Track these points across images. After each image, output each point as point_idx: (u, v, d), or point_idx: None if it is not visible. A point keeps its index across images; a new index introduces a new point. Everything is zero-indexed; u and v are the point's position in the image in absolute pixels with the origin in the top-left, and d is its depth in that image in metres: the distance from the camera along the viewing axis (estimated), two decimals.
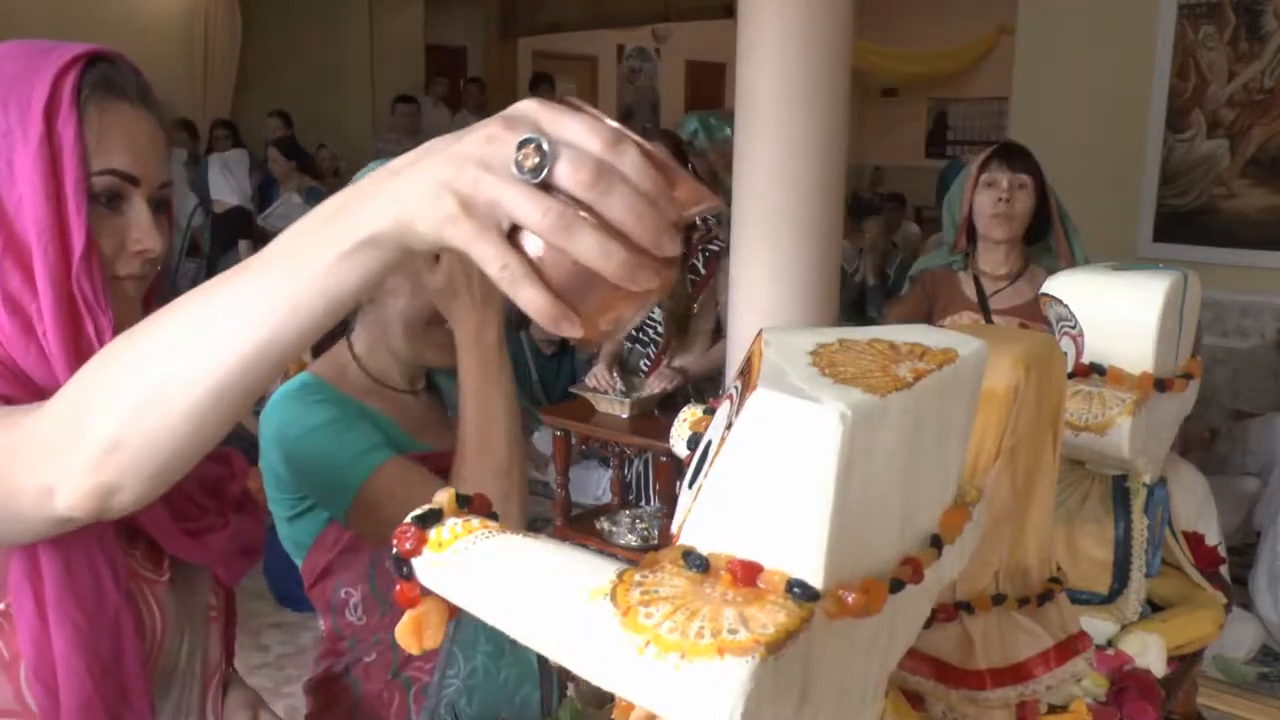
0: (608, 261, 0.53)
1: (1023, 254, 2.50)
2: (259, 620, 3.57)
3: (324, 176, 6.91)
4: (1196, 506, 1.29)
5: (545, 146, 0.53)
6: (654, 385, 3.31)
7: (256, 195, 6.45)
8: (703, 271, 3.26)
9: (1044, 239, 2.49)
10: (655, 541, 3.17)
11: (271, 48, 7.78)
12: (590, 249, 0.53)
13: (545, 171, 0.53)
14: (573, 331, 0.56)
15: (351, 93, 8.20)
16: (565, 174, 0.53)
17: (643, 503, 3.48)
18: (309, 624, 3.47)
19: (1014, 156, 2.45)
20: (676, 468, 2.97)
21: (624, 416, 3.28)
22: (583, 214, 0.53)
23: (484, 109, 8.21)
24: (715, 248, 3.22)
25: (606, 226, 0.53)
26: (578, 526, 3.37)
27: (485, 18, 8.73)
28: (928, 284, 2.60)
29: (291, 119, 6.98)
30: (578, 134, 0.53)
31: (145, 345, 0.65)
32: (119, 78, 0.89)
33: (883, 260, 5.94)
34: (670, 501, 3.06)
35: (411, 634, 0.57)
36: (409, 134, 7.20)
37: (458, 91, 8.52)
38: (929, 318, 2.52)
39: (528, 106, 0.55)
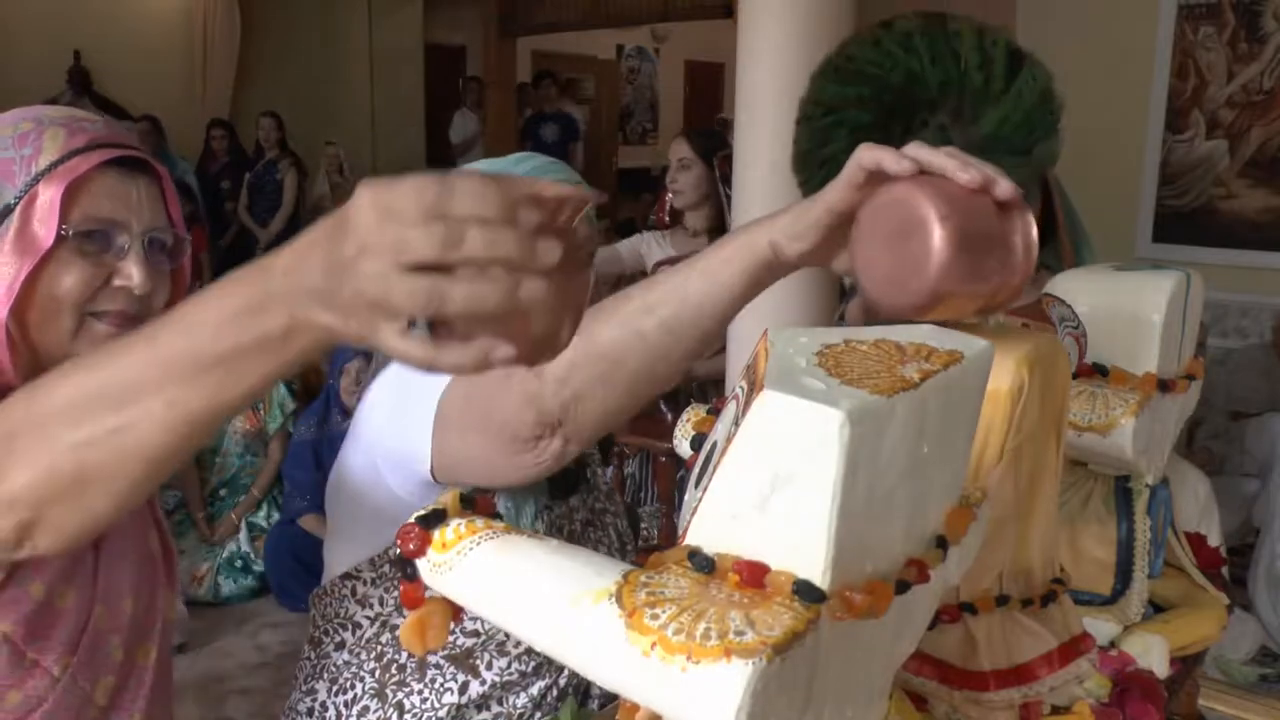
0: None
1: None
2: (257, 620, 3.56)
3: (329, 173, 6.95)
4: (1200, 508, 1.28)
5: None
6: None
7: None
8: None
9: (1050, 243, 2.48)
10: (654, 541, 3.16)
11: (271, 47, 7.78)
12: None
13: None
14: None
15: (351, 92, 8.19)
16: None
17: (642, 501, 3.48)
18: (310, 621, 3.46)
19: None
20: (676, 467, 2.97)
21: None
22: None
23: (482, 107, 8.22)
24: None
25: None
26: None
27: (485, 17, 8.73)
28: None
29: (283, 120, 6.98)
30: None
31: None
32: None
33: None
34: (670, 501, 3.06)
35: (415, 635, 0.57)
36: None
37: (457, 90, 8.53)
38: None
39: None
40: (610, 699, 1.23)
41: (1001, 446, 0.76)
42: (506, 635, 1.19)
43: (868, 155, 0.70)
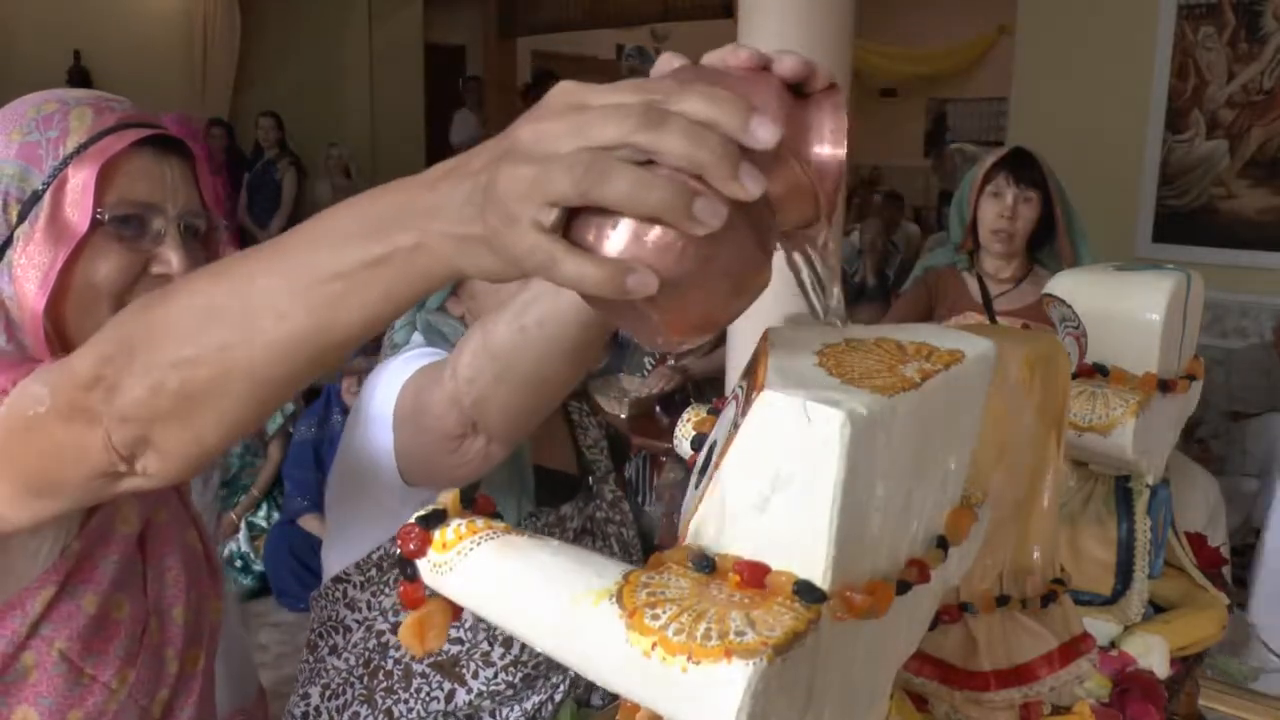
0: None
1: (1027, 258, 2.49)
2: (258, 620, 3.56)
3: (332, 175, 6.96)
4: (1209, 510, 1.28)
5: None
6: (653, 384, 3.30)
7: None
8: None
9: (1049, 244, 2.48)
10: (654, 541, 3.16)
11: (271, 47, 7.78)
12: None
13: None
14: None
15: (351, 92, 8.20)
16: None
17: (642, 502, 3.47)
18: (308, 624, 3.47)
19: (1022, 167, 2.43)
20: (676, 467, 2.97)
21: (623, 416, 3.27)
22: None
23: (482, 108, 8.22)
24: None
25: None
26: None
27: (484, 17, 8.74)
28: (932, 282, 2.60)
29: (283, 120, 6.98)
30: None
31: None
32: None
33: (881, 260, 5.95)
34: (669, 501, 3.06)
35: (415, 636, 0.57)
36: None
37: (457, 90, 8.54)
38: (930, 316, 2.52)
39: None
40: (610, 700, 1.23)
41: (1002, 447, 0.76)
42: (490, 645, 1.18)
43: None
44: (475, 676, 1.19)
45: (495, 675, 1.18)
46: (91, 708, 0.86)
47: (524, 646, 1.18)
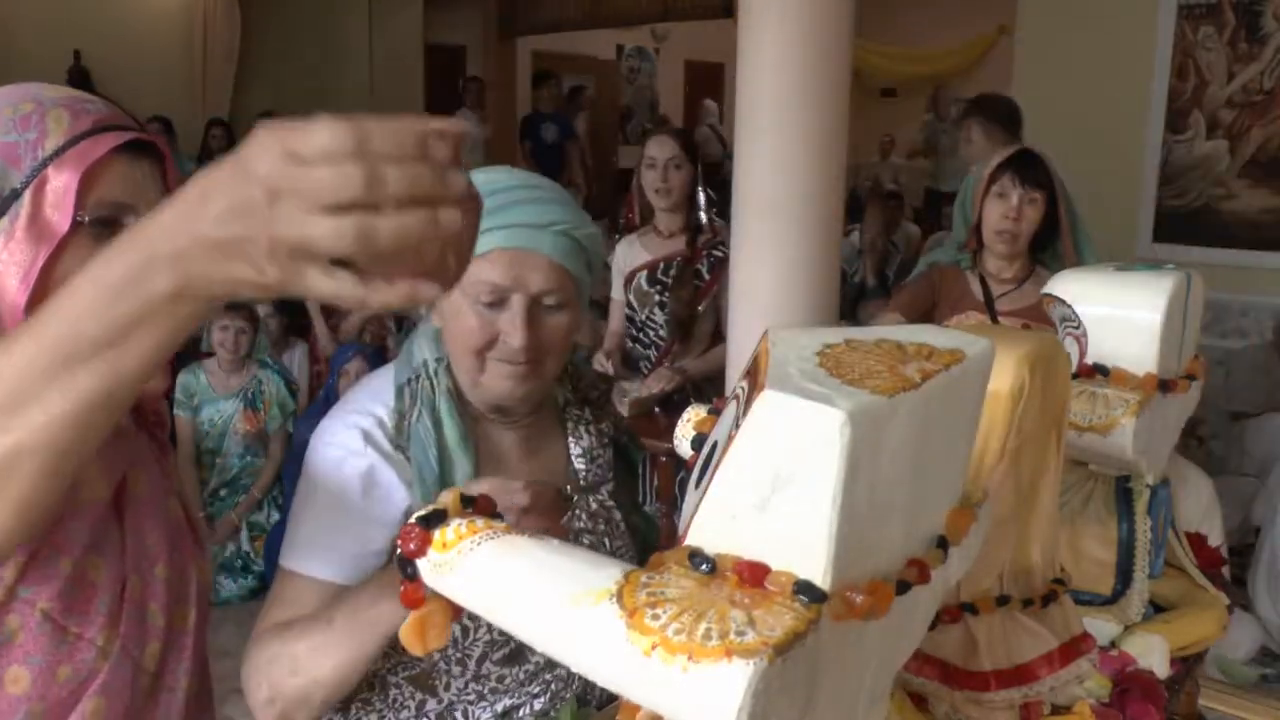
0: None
1: (1030, 259, 2.49)
2: (257, 620, 3.56)
3: None
4: (1203, 509, 1.28)
5: None
6: (653, 385, 3.30)
7: None
8: (707, 276, 3.25)
9: (1053, 246, 2.48)
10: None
11: (270, 47, 7.77)
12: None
13: None
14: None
15: (351, 92, 8.19)
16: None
17: (643, 502, 3.47)
18: None
19: (1027, 168, 2.42)
20: (676, 467, 2.96)
21: (623, 416, 3.26)
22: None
23: (482, 108, 8.22)
24: (720, 253, 3.21)
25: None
26: None
27: (484, 17, 8.74)
28: (935, 278, 2.60)
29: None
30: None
31: None
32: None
33: (881, 261, 5.94)
34: (670, 501, 3.06)
35: (416, 635, 0.57)
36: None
37: (457, 90, 8.53)
38: (931, 311, 2.52)
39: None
40: (610, 700, 1.23)
41: (1002, 446, 0.76)
42: (448, 665, 1.19)
43: None
44: (447, 689, 1.20)
45: (466, 685, 1.19)
46: (80, 664, 0.89)
47: (482, 660, 1.18)
